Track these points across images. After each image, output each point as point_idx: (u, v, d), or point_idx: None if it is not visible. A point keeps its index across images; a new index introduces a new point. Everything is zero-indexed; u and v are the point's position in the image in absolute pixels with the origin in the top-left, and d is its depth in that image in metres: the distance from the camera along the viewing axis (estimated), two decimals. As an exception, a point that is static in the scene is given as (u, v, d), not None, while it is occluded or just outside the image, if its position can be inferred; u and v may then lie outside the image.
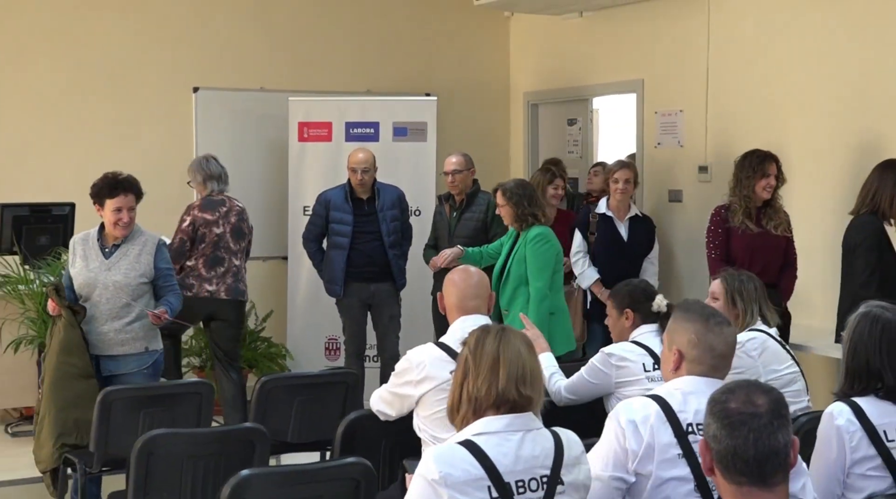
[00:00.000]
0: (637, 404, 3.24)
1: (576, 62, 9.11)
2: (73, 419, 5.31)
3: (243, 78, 8.96)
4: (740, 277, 4.92)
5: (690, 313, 3.35)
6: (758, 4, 7.45)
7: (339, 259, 7.33)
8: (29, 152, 8.27)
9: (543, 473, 2.91)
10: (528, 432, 2.94)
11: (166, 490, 4.29)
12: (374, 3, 9.41)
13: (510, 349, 2.99)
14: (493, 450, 2.86)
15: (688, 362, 3.29)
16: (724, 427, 2.52)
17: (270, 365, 8.37)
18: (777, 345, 4.79)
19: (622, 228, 7.31)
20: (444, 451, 2.87)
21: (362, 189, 7.36)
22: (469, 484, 2.81)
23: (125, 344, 5.52)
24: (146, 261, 5.56)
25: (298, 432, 5.32)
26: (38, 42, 8.38)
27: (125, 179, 5.57)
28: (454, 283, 4.37)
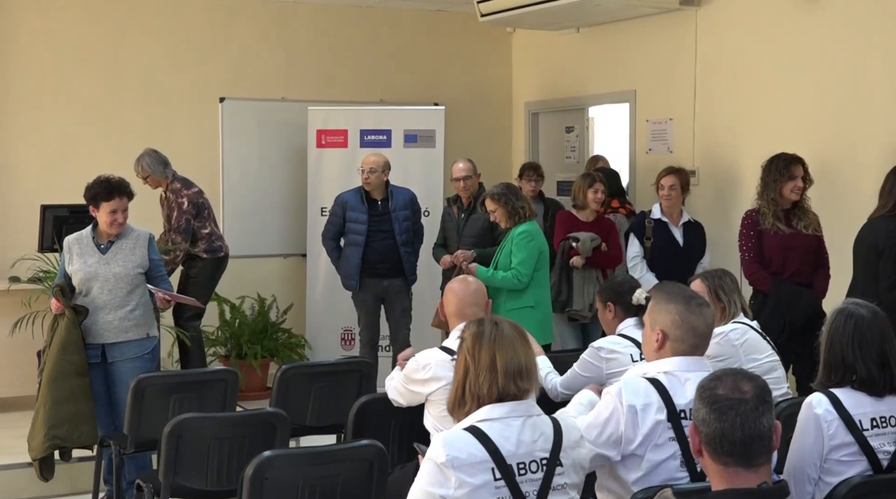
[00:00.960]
0: (641, 387, 3.22)
1: (573, 74, 9.09)
2: (66, 413, 5.30)
3: (266, 89, 8.96)
4: (717, 274, 4.91)
5: (672, 295, 3.35)
6: (742, 21, 7.44)
7: (355, 256, 7.34)
8: (69, 158, 8.28)
9: (543, 455, 2.91)
10: (528, 418, 2.94)
11: (194, 470, 4.30)
12: (386, 19, 9.40)
13: (506, 346, 2.98)
14: (496, 434, 2.86)
15: (671, 342, 3.29)
16: (713, 412, 2.52)
17: (290, 354, 8.39)
18: (757, 335, 4.77)
19: (677, 233, 7.06)
20: (451, 436, 2.88)
21: (370, 188, 7.36)
22: (474, 466, 2.81)
23: (129, 331, 5.52)
24: (141, 253, 5.56)
25: (316, 416, 5.32)
26: (78, 56, 8.39)
27: (119, 184, 5.55)
28: (453, 292, 4.38)
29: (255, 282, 8.64)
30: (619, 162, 8.66)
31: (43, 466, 5.40)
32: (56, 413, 5.31)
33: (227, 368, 6.83)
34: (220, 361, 8.16)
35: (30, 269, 7.20)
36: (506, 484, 2.83)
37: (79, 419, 5.32)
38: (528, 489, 2.87)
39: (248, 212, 8.79)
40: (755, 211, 6.24)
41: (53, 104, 8.33)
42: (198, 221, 7.30)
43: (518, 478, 2.85)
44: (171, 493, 4.31)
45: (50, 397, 5.33)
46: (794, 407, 3.61)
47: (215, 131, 8.72)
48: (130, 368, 5.44)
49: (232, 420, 4.56)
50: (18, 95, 8.24)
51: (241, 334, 8.27)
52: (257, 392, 7.94)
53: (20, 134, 8.25)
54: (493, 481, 2.82)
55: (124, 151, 8.19)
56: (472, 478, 2.80)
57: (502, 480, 2.83)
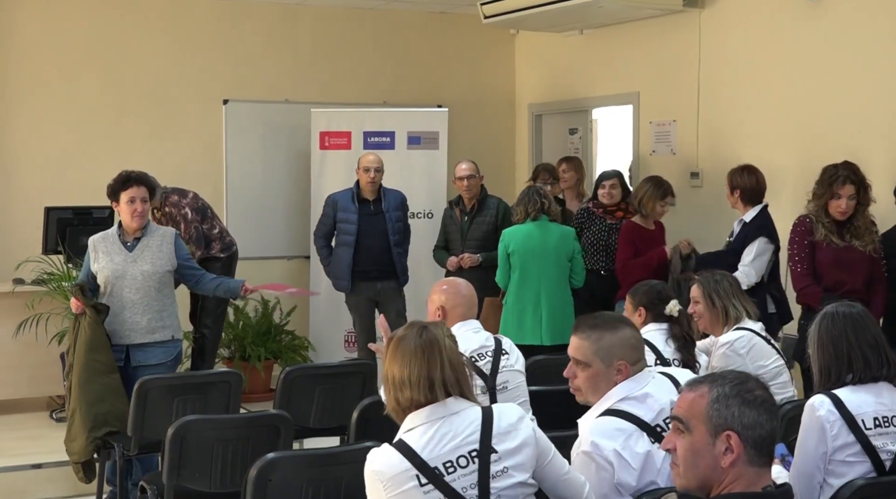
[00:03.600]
0: (608, 426, 3.13)
1: (576, 76, 9.09)
2: (103, 413, 5.27)
3: (269, 91, 8.97)
4: (714, 278, 4.88)
5: (613, 323, 3.30)
6: (745, 22, 7.43)
7: (345, 256, 7.33)
8: (73, 160, 8.29)
9: (472, 448, 2.90)
10: (448, 417, 2.93)
11: (198, 471, 4.29)
12: (390, 21, 9.40)
13: (426, 360, 2.96)
14: (415, 441, 2.90)
15: (631, 366, 3.23)
16: (764, 413, 2.47)
17: (294, 356, 8.39)
18: (762, 341, 4.76)
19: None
20: (377, 451, 2.93)
21: (372, 188, 7.35)
22: (398, 477, 2.85)
23: (156, 332, 5.48)
24: (168, 251, 5.53)
25: (320, 418, 5.32)
26: (82, 59, 8.40)
27: (136, 173, 5.55)
28: (447, 292, 4.41)
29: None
30: (622, 164, 8.64)
31: (86, 468, 5.37)
32: (93, 415, 5.26)
33: (230, 370, 6.83)
34: (223, 363, 8.16)
35: (33, 271, 7.21)
36: (435, 487, 2.85)
37: (116, 417, 5.25)
38: (465, 484, 2.87)
39: (251, 214, 8.80)
40: (808, 218, 5.81)
41: (57, 106, 8.34)
42: (205, 224, 7.29)
43: (448, 477, 2.86)
44: (174, 495, 4.31)
45: (84, 399, 5.29)
46: (798, 409, 3.61)
47: (219, 133, 8.73)
48: (153, 374, 5.34)
49: (235, 422, 4.55)
50: (22, 98, 8.25)
51: (244, 336, 8.28)
52: (261, 394, 7.95)
53: (24, 136, 8.26)
54: (420, 487, 2.84)
55: (128, 153, 8.21)
56: (400, 487, 2.85)
57: (430, 484, 2.85)
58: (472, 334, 4.33)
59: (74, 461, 5.40)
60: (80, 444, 5.30)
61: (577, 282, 6.77)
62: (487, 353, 4.30)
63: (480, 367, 4.24)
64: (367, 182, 7.34)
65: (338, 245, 7.43)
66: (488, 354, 4.30)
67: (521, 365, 4.43)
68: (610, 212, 7.29)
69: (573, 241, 6.76)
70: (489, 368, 4.26)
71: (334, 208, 7.42)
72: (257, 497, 3.46)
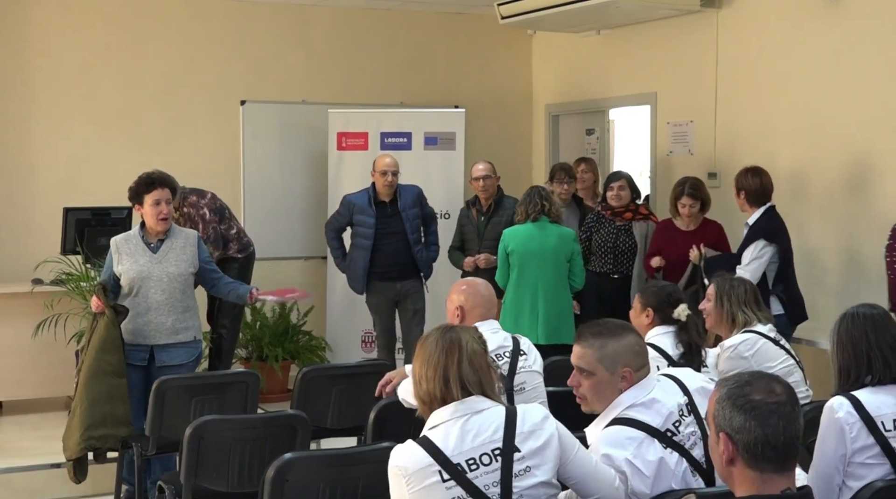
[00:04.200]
0: (619, 435, 3.13)
1: (594, 76, 9.08)
2: (103, 413, 5.28)
3: (287, 92, 8.99)
4: (731, 282, 4.89)
5: (616, 330, 3.29)
6: (763, 22, 7.41)
7: (361, 259, 7.32)
8: (91, 161, 8.33)
9: (495, 446, 2.92)
10: (473, 415, 2.96)
11: (215, 471, 4.30)
12: (407, 22, 9.41)
13: (444, 355, 3.02)
14: (439, 438, 2.93)
15: (636, 373, 3.23)
16: (755, 418, 2.44)
17: (311, 357, 8.41)
18: (770, 343, 4.74)
19: None
20: (401, 447, 2.97)
21: (388, 191, 7.36)
22: (420, 472, 2.87)
23: (180, 333, 5.51)
24: (191, 252, 5.56)
25: (337, 418, 5.32)
26: (100, 60, 8.44)
27: (159, 175, 5.56)
28: (465, 292, 4.42)
29: (275, 284, 8.64)
30: (639, 164, 8.63)
31: (77, 466, 5.39)
32: (92, 414, 5.28)
33: (248, 371, 6.86)
34: (241, 364, 8.18)
35: (52, 271, 7.25)
36: (457, 483, 2.87)
37: (115, 421, 5.29)
38: (487, 482, 2.89)
39: (268, 214, 8.82)
40: None
41: (76, 107, 8.38)
42: (223, 225, 7.32)
43: (470, 474, 2.88)
44: (192, 495, 4.32)
45: (87, 397, 5.30)
46: (815, 411, 3.60)
47: (236, 134, 8.76)
48: (175, 374, 5.36)
49: (253, 422, 4.56)
50: (41, 99, 8.30)
51: (261, 337, 8.30)
52: (278, 394, 7.97)
53: (43, 137, 8.30)
54: (442, 482, 2.87)
55: (146, 154, 8.25)
56: (422, 482, 2.87)
57: (452, 480, 2.87)
58: (490, 335, 4.27)
59: (67, 458, 5.41)
60: (74, 441, 5.31)
61: (576, 283, 6.81)
62: (505, 353, 4.29)
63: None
64: (383, 185, 7.33)
65: (354, 248, 7.43)
66: (506, 355, 4.29)
67: (539, 366, 4.41)
68: (618, 214, 7.27)
69: (573, 242, 6.79)
70: (506, 369, 4.25)
71: (350, 210, 7.41)
72: (274, 497, 3.47)
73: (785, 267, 6.24)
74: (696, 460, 3.16)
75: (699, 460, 3.16)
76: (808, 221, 6.97)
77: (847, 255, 6.79)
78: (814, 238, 6.94)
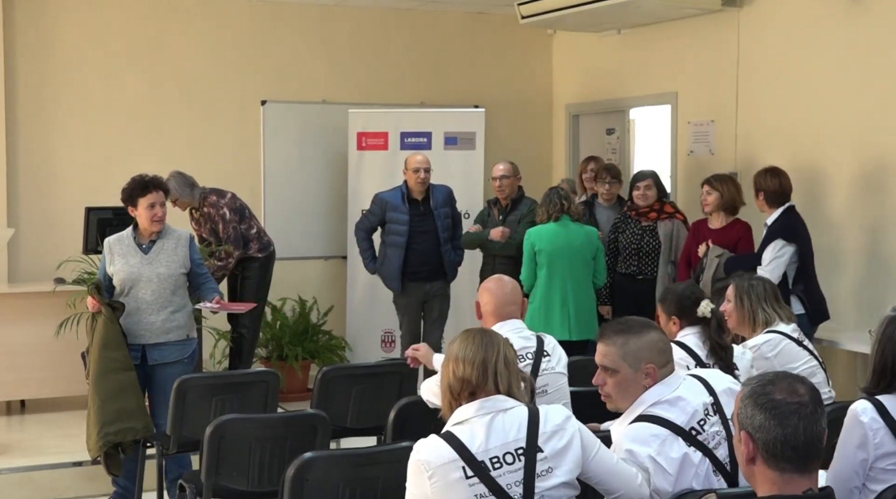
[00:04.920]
0: (643, 431, 3.14)
1: (614, 76, 9.06)
2: (115, 410, 5.31)
3: (307, 92, 9.01)
4: (750, 281, 4.86)
5: (638, 328, 3.29)
6: (785, 21, 7.37)
7: (396, 257, 7.33)
8: (113, 160, 8.37)
9: (518, 446, 2.94)
10: (498, 413, 2.98)
11: (236, 470, 4.32)
12: (427, 22, 9.42)
13: (479, 343, 3.06)
14: (464, 434, 2.94)
15: (660, 369, 3.24)
16: (774, 417, 2.45)
17: (331, 356, 8.42)
18: (793, 343, 4.72)
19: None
20: (425, 441, 2.97)
21: (421, 188, 7.36)
22: (444, 467, 2.88)
23: (170, 332, 5.51)
24: (183, 253, 5.56)
25: (356, 417, 5.32)
26: (122, 61, 8.48)
27: (153, 178, 5.58)
28: (490, 291, 4.37)
29: (296, 284, 8.69)
30: (660, 164, 8.60)
31: (108, 462, 5.41)
32: (105, 411, 5.32)
33: (268, 370, 6.86)
34: (261, 363, 8.21)
35: (74, 270, 7.27)
36: (480, 480, 2.88)
37: (129, 414, 5.32)
38: (510, 481, 2.90)
39: (289, 214, 8.84)
40: None
41: (97, 108, 8.43)
42: (243, 225, 7.37)
43: (493, 472, 2.89)
44: (213, 493, 4.34)
45: (97, 395, 5.36)
46: (837, 412, 3.57)
47: (257, 134, 8.78)
48: (170, 372, 5.44)
49: (273, 421, 4.57)
50: (64, 99, 8.35)
51: (282, 336, 8.32)
52: (298, 394, 7.98)
53: (65, 137, 8.35)
54: (466, 479, 2.88)
55: (167, 154, 8.31)
56: (445, 478, 2.88)
57: (475, 477, 2.88)
58: (513, 335, 4.22)
59: (92, 458, 5.47)
60: (93, 440, 5.36)
61: (599, 280, 6.91)
62: (528, 355, 4.25)
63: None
64: (416, 182, 7.34)
65: (388, 246, 7.43)
66: (528, 356, 4.24)
67: (564, 366, 4.37)
68: (643, 214, 7.20)
69: (597, 240, 6.89)
70: (529, 370, 4.21)
71: (383, 208, 7.42)
72: (294, 496, 3.47)
73: (805, 267, 6.22)
74: (720, 460, 3.15)
75: (723, 461, 3.15)
76: (830, 220, 6.93)
77: (868, 255, 6.75)
78: (835, 238, 6.90)
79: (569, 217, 6.75)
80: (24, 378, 7.35)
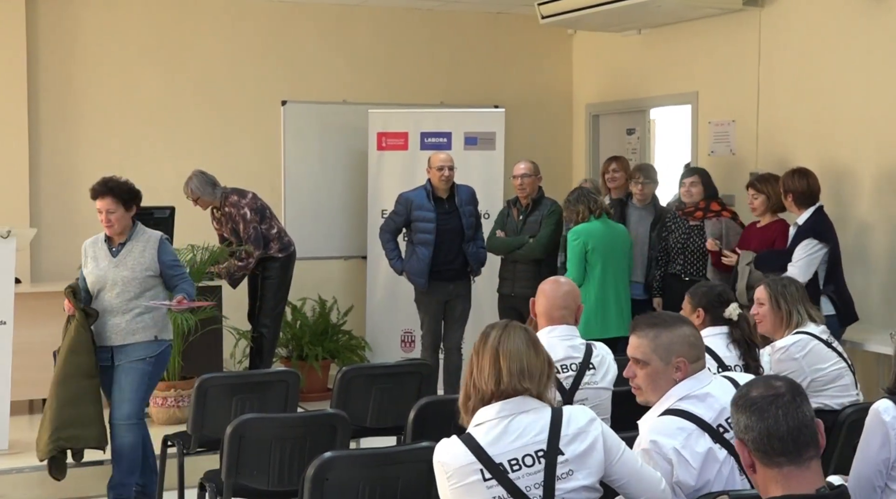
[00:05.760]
0: (669, 424, 3.15)
1: (634, 76, 9.03)
2: (72, 415, 5.29)
3: (327, 92, 9.02)
4: (782, 282, 4.85)
5: (671, 322, 3.30)
6: (806, 21, 7.33)
7: (425, 254, 7.30)
8: (134, 160, 8.39)
9: (539, 448, 2.92)
10: (518, 415, 2.96)
11: (256, 469, 4.32)
12: (447, 22, 9.41)
13: (510, 344, 3.02)
14: (483, 436, 2.93)
15: (691, 364, 3.24)
16: (754, 414, 2.50)
17: (351, 356, 8.43)
18: (821, 345, 4.69)
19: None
20: (445, 442, 2.98)
21: (445, 186, 7.37)
22: (462, 470, 2.89)
23: (136, 333, 5.40)
24: (150, 256, 5.43)
25: (376, 417, 5.33)
26: (142, 62, 8.52)
27: (107, 183, 5.49)
28: (544, 292, 4.33)
29: (316, 284, 8.70)
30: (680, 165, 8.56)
31: (52, 465, 5.40)
32: (61, 415, 5.30)
33: (288, 370, 6.87)
34: (281, 363, 8.22)
35: (95, 270, 7.30)
36: (498, 482, 2.87)
37: (84, 421, 5.30)
38: (529, 483, 2.89)
39: (309, 214, 8.85)
40: None
41: (118, 108, 8.46)
42: (264, 225, 7.39)
43: (512, 475, 2.88)
44: (233, 492, 4.35)
45: (56, 398, 5.34)
46: (860, 412, 3.55)
47: (277, 134, 8.80)
48: (128, 369, 5.37)
49: (293, 421, 4.58)
50: (85, 100, 8.39)
51: (302, 336, 8.33)
52: (318, 393, 7.99)
53: (86, 137, 8.39)
54: (483, 481, 2.87)
55: (188, 155, 8.34)
56: (464, 480, 2.89)
57: (493, 479, 2.87)
58: (559, 342, 4.17)
59: (39, 459, 5.44)
60: (44, 442, 5.34)
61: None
62: (572, 366, 4.15)
63: (561, 380, 4.06)
64: (440, 180, 7.34)
65: (416, 244, 7.40)
66: (572, 368, 4.14)
67: (610, 381, 4.26)
68: (689, 213, 7.00)
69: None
70: (570, 382, 4.11)
71: (408, 207, 7.41)
72: (314, 496, 3.48)
73: (834, 268, 6.20)
74: None
75: None
76: (854, 221, 6.89)
77: (893, 256, 6.71)
78: (860, 239, 6.85)
79: (605, 214, 6.82)
80: (46, 377, 7.35)
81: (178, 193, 7.50)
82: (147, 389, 5.54)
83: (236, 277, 7.43)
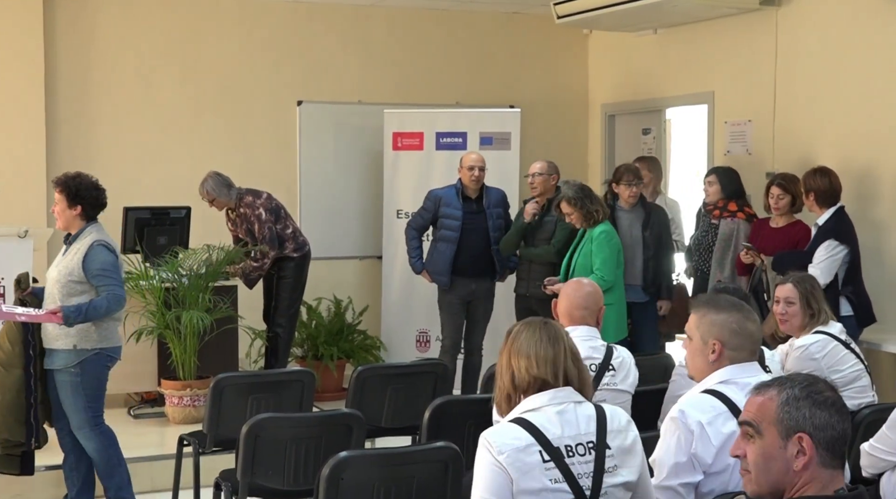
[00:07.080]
0: (704, 402, 3.18)
1: (650, 76, 9.01)
2: None
3: (343, 92, 9.03)
4: (809, 280, 4.83)
5: (721, 306, 3.33)
6: (823, 20, 7.30)
7: (447, 251, 7.30)
8: (150, 161, 8.43)
9: (590, 439, 2.95)
10: (570, 404, 2.99)
11: (271, 469, 4.34)
12: (462, 22, 9.41)
13: (546, 339, 3.04)
14: (539, 421, 2.94)
15: (729, 351, 3.26)
16: (836, 414, 2.44)
17: (366, 356, 8.44)
18: (839, 345, 4.68)
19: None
20: (495, 428, 2.98)
21: (475, 186, 7.37)
22: (521, 451, 2.88)
23: (58, 339, 5.16)
24: (76, 261, 5.16)
25: (391, 417, 5.34)
26: (159, 62, 8.54)
27: (62, 175, 5.40)
28: (566, 292, 4.39)
29: (331, 284, 8.71)
30: (696, 164, 8.55)
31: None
32: None
33: (303, 369, 6.90)
34: (296, 362, 8.23)
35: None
36: (556, 466, 2.89)
37: (2, 411, 5.19)
38: (581, 471, 2.92)
39: (324, 214, 8.86)
40: None
41: (135, 108, 8.48)
42: (279, 225, 7.40)
43: (567, 460, 2.91)
44: (248, 492, 4.36)
45: None
46: (878, 414, 3.54)
47: (293, 134, 8.82)
48: (59, 382, 5.22)
49: (308, 421, 4.59)
50: (101, 100, 8.41)
51: (317, 336, 8.34)
52: (333, 393, 8.00)
53: (103, 138, 8.41)
54: (543, 463, 2.88)
55: (204, 154, 8.36)
56: (522, 462, 2.87)
57: (551, 461, 2.89)
58: (579, 342, 4.03)
59: None
60: None
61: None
62: (591, 367, 4.14)
63: None
64: (470, 180, 7.34)
65: (439, 240, 7.40)
66: (592, 368, 4.14)
67: (630, 384, 4.28)
68: (709, 211, 7.09)
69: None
70: None
71: (436, 204, 7.41)
72: (329, 495, 3.48)
73: (854, 269, 6.19)
74: None
75: None
76: (872, 221, 6.85)
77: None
78: (878, 240, 6.82)
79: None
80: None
81: (194, 193, 7.52)
82: (86, 398, 5.21)
83: (252, 278, 7.44)
